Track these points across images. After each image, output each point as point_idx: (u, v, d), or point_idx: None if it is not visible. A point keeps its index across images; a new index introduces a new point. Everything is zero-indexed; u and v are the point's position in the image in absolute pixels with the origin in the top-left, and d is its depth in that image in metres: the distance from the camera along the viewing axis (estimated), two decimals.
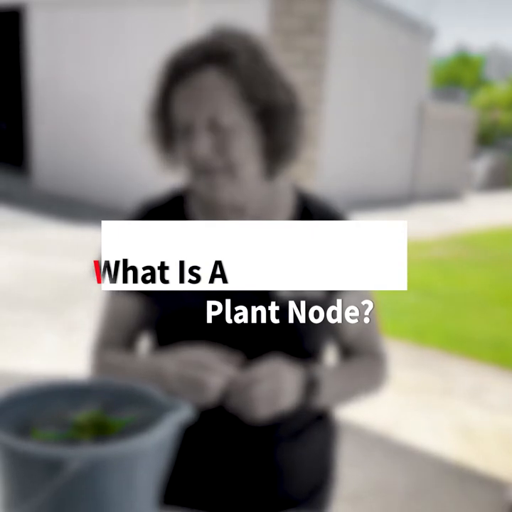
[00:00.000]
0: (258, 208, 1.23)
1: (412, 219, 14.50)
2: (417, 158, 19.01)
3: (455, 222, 14.67)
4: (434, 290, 7.59)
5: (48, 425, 0.98)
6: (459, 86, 36.99)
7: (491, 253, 10.66)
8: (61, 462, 0.81)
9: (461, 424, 3.90)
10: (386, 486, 3.12)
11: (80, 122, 13.41)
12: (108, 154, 12.97)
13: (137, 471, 0.89)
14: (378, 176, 17.11)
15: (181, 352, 1.11)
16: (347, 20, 13.07)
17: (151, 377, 1.10)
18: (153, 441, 0.88)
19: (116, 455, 0.85)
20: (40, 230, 9.71)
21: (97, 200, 12.91)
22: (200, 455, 1.22)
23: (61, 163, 13.80)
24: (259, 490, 1.23)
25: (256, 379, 1.05)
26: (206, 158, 1.12)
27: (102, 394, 1.03)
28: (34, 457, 0.83)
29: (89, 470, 0.84)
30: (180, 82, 1.12)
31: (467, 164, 22.82)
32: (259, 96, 1.10)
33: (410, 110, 18.36)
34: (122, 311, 1.27)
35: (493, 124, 36.49)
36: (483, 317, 6.64)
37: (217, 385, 1.04)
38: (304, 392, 1.11)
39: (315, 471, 1.31)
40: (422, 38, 18.20)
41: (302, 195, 1.29)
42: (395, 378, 1.65)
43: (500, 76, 46.15)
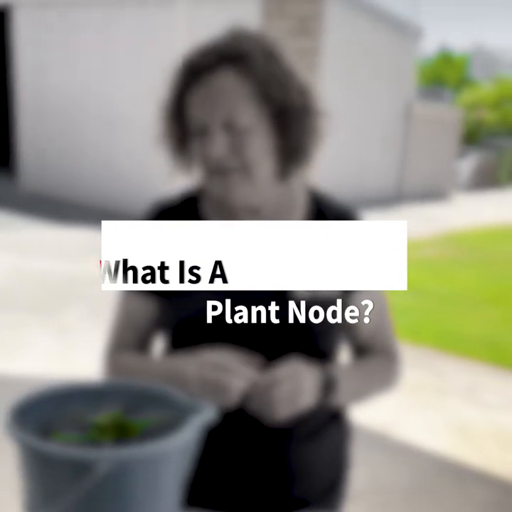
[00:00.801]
0: (272, 209, 1.24)
1: (400, 218, 14.53)
2: (403, 158, 19.07)
3: (442, 221, 14.73)
4: (425, 290, 7.61)
5: (68, 427, 0.97)
6: (443, 86, 37.20)
7: (479, 252, 10.71)
8: (90, 464, 0.81)
9: (457, 422, 3.92)
10: (384, 485, 3.13)
11: (66, 123, 13.34)
12: (94, 155, 12.91)
13: (162, 472, 0.89)
14: (365, 176, 17.14)
15: (202, 354, 1.11)
16: (335, 21, 13.09)
17: (171, 379, 1.10)
18: (179, 443, 0.88)
19: (143, 457, 0.85)
20: (28, 231, 9.65)
21: (83, 201, 12.85)
22: (218, 456, 1.22)
23: (47, 164, 13.72)
24: (275, 490, 1.23)
25: (276, 380, 1.05)
26: (222, 159, 1.12)
27: (121, 396, 1.03)
28: (62, 459, 0.83)
29: (116, 472, 0.83)
30: (196, 82, 1.12)
31: (453, 164, 22.92)
32: (274, 96, 1.11)
33: (397, 110, 18.41)
34: (136, 312, 1.26)
35: (479, 124, 36.70)
36: (475, 316, 6.67)
37: (238, 387, 1.04)
38: (321, 391, 1.12)
39: (330, 471, 1.31)
40: (409, 38, 18.27)
41: (315, 196, 1.29)
42: None
43: (484, 75, 46.49)
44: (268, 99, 1.11)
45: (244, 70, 1.10)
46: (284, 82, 1.12)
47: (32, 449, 0.85)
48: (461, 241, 11.76)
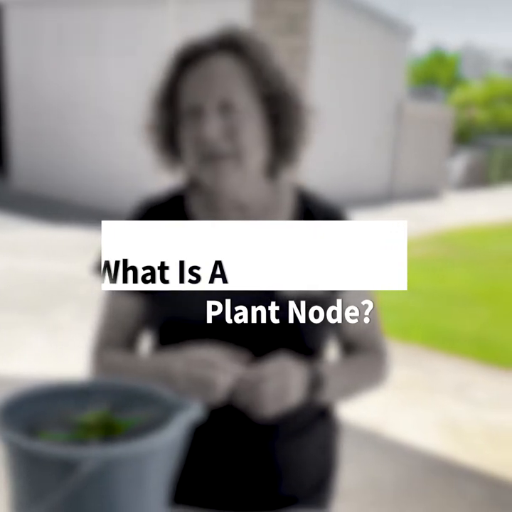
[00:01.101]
0: (260, 207, 1.24)
1: (392, 218, 14.57)
2: (395, 157, 19.10)
3: (434, 220, 14.76)
4: (416, 288, 7.63)
5: (54, 426, 0.97)
6: (435, 85, 37.28)
7: (469, 251, 10.74)
8: (75, 462, 0.81)
9: (448, 420, 3.94)
10: (374, 483, 3.14)
11: (58, 122, 13.31)
12: (87, 154, 12.89)
13: (148, 470, 0.89)
14: (357, 175, 17.16)
15: (189, 351, 1.11)
16: (325, 20, 13.09)
17: (158, 376, 1.10)
18: (165, 441, 0.88)
19: (128, 455, 0.85)
20: (20, 231, 9.62)
21: (76, 200, 12.82)
22: (206, 453, 1.22)
23: (40, 163, 13.69)
24: (263, 487, 1.23)
25: (264, 377, 1.05)
26: (215, 142, 1.12)
27: (108, 394, 1.03)
28: (48, 458, 0.83)
29: (102, 470, 0.83)
30: (193, 65, 1.14)
31: (444, 162, 22.97)
32: (269, 84, 1.14)
33: (388, 109, 18.44)
34: (123, 310, 1.26)
35: (470, 123, 36.80)
36: (466, 314, 6.70)
37: (225, 383, 1.04)
38: (309, 388, 1.12)
39: (318, 468, 1.32)
40: (400, 37, 18.29)
41: (303, 194, 1.29)
42: None
43: (475, 74, 46.60)
44: (262, 86, 1.14)
45: (241, 56, 1.14)
46: (278, 73, 1.15)
47: (18, 447, 0.85)
48: (452, 240, 11.80)
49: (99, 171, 12.63)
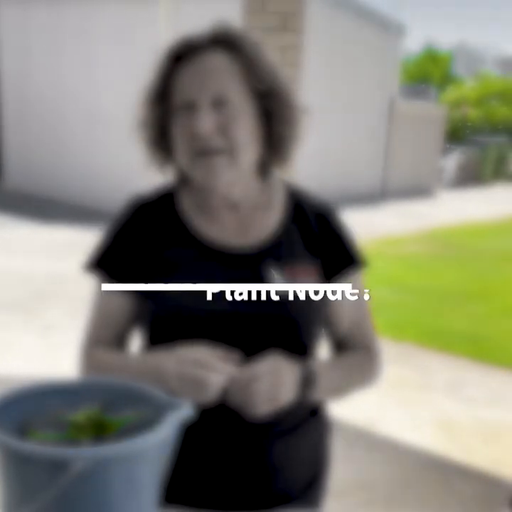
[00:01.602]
0: (251, 205, 1.24)
1: (385, 215, 14.61)
2: (388, 155, 19.14)
3: (427, 218, 14.79)
4: (409, 286, 7.65)
5: (45, 426, 0.97)
6: (428, 83, 37.31)
7: (462, 249, 10.77)
8: (66, 462, 0.81)
9: (441, 417, 3.95)
10: (369, 481, 3.15)
11: (51, 121, 13.28)
12: (80, 153, 12.86)
13: (140, 470, 0.88)
14: (350, 173, 17.18)
15: (180, 350, 1.10)
16: (317, 18, 13.09)
17: (149, 375, 1.09)
18: (156, 440, 0.88)
19: (120, 454, 0.85)
20: (12, 230, 9.60)
21: (68, 200, 12.79)
22: (199, 452, 1.21)
23: (32, 163, 13.65)
24: (256, 486, 1.23)
25: (256, 376, 1.05)
26: (208, 137, 1.12)
27: (99, 393, 1.02)
28: (38, 458, 0.82)
29: (93, 469, 0.83)
30: (186, 61, 1.14)
31: (437, 161, 23.01)
32: (262, 81, 1.14)
33: (381, 108, 18.47)
34: (112, 309, 1.25)
35: (462, 121, 36.88)
36: (458, 312, 6.71)
37: (217, 383, 1.04)
38: (301, 386, 1.12)
39: (310, 466, 1.32)
40: (392, 35, 18.32)
41: (293, 192, 1.30)
42: None
43: (468, 73, 46.68)
44: (255, 83, 1.14)
45: (234, 53, 1.14)
46: (271, 70, 1.16)
47: (9, 448, 0.84)
48: (446, 237, 11.82)
49: (93, 171, 12.61)
